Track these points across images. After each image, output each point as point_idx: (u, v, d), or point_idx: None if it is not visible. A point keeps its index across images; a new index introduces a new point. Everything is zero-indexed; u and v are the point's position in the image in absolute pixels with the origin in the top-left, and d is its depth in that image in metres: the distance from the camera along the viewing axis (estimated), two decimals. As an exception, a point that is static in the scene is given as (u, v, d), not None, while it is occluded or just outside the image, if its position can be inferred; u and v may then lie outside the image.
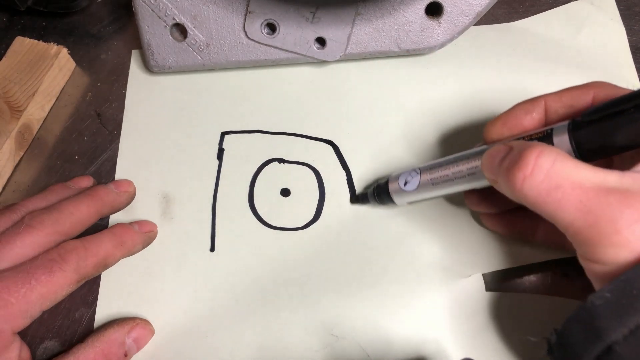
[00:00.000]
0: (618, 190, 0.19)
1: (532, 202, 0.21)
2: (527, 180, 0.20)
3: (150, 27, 0.36)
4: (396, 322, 0.30)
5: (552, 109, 0.25)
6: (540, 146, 0.21)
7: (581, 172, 0.20)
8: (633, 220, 0.19)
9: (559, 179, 0.20)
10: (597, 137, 0.20)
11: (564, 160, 0.20)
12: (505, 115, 0.26)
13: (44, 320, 0.31)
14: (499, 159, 0.22)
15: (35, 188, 0.35)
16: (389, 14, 0.35)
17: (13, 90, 0.36)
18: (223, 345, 0.30)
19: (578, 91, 0.24)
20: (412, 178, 0.28)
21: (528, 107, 0.25)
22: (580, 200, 0.19)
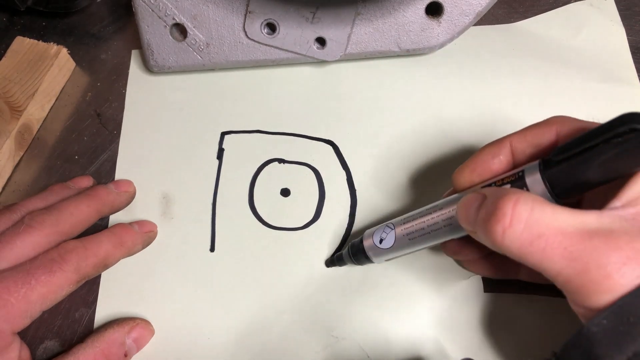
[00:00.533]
0: (601, 231, 0.19)
1: (515, 254, 0.20)
2: (507, 232, 0.20)
3: (150, 27, 0.36)
4: (396, 322, 0.30)
5: (519, 150, 0.24)
6: (515, 194, 0.20)
7: (561, 217, 0.19)
8: (621, 262, 0.18)
9: (540, 227, 0.19)
10: (570, 174, 0.20)
11: (541, 206, 0.19)
12: (473, 161, 0.25)
13: (44, 320, 0.31)
14: (474, 209, 0.22)
15: (35, 188, 0.35)
16: (389, 13, 0.35)
17: (13, 90, 0.36)
18: (223, 345, 0.30)
19: (541, 129, 0.23)
20: (387, 235, 0.27)
21: (494, 151, 0.25)
22: (565, 248, 0.19)
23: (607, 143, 0.18)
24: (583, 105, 0.36)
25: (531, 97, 0.36)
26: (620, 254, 0.18)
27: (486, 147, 0.25)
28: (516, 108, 0.36)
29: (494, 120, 0.36)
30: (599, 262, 0.18)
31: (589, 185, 0.20)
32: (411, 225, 0.26)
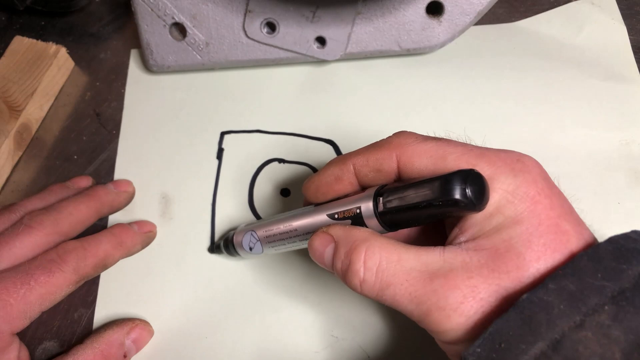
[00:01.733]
0: (441, 272, 0.20)
1: (373, 299, 0.22)
2: (363, 285, 0.21)
3: (150, 26, 0.36)
4: (396, 322, 0.30)
5: (362, 173, 0.24)
6: (364, 244, 0.21)
7: (405, 263, 0.21)
8: (458, 302, 0.19)
9: (388, 277, 0.21)
10: (397, 217, 0.21)
11: (388, 255, 0.21)
12: (318, 180, 0.26)
13: (43, 320, 0.31)
14: (329, 257, 0.23)
15: (34, 188, 0.35)
16: (390, 13, 0.35)
17: (12, 89, 0.36)
18: (223, 345, 0.30)
19: (382, 153, 0.23)
20: (254, 243, 0.28)
21: (337, 173, 0.25)
22: (410, 293, 0.20)
23: (427, 205, 0.20)
24: (584, 104, 0.35)
25: (532, 96, 0.36)
26: (457, 293, 0.19)
27: (330, 167, 0.25)
28: (517, 107, 0.36)
29: (495, 119, 0.36)
30: (438, 304, 0.20)
31: (419, 224, 0.22)
32: (272, 233, 0.27)
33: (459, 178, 0.19)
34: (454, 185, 0.19)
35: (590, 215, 0.23)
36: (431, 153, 0.22)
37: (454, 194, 0.19)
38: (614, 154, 0.34)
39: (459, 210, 0.19)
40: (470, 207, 0.19)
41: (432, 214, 0.20)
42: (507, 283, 0.19)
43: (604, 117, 0.35)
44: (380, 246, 0.21)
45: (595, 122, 0.35)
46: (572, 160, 0.34)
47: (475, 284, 0.19)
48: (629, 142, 0.34)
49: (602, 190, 0.33)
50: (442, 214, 0.20)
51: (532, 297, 0.18)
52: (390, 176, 0.24)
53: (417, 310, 0.20)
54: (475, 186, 0.19)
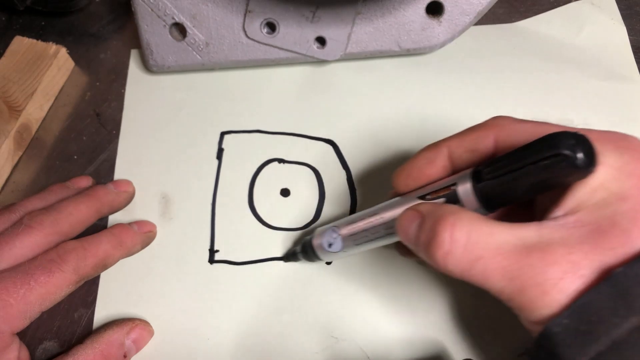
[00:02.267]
0: (538, 246, 0.19)
1: (458, 276, 0.20)
2: (448, 257, 0.20)
3: (150, 26, 0.36)
4: (396, 323, 0.30)
5: (456, 154, 0.24)
6: (451, 216, 0.20)
7: (498, 236, 0.19)
8: (558, 277, 0.18)
9: (478, 250, 0.19)
10: (499, 191, 0.20)
11: (478, 228, 0.19)
12: (409, 165, 0.25)
13: (43, 320, 0.31)
14: (414, 231, 0.22)
15: (34, 188, 0.35)
16: (390, 13, 0.35)
17: (12, 89, 0.36)
18: (223, 346, 0.30)
19: (479, 133, 0.23)
20: (334, 239, 0.28)
21: (431, 156, 0.24)
22: (503, 268, 0.19)
23: (534, 165, 0.18)
24: (584, 104, 0.36)
25: (532, 96, 0.36)
26: (556, 268, 0.18)
27: (423, 152, 0.25)
28: (517, 107, 0.36)
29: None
30: (536, 279, 0.18)
31: (520, 199, 0.20)
32: (355, 230, 0.27)
33: (567, 135, 0.17)
34: (561, 140, 0.17)
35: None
36: (530, 131, 0.21)
37: (562, 148, 0.17)
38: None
39: (568, 171, 0.18)
40: (581, 165, 0.17)
41: (536, 181, 0.19)
42: (612, 260, 0.18)
43: (604, 117, 0.35)
44: (470, 218, 0.20)
45: (594, 122, 0.35)
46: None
47: (576, 260, 0.18)
48: (629, 143, 0.34)
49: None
50: (547, 180, 0.19)
51: (628, 271, 0.17)
52: (485, 156, 0.23)
53: (509, 287, 0.19)
54: (584, 145, 0.17)
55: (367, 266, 0.31)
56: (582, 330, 0.17)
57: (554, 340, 0.18)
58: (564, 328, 0.18)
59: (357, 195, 0.34)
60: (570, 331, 0.18)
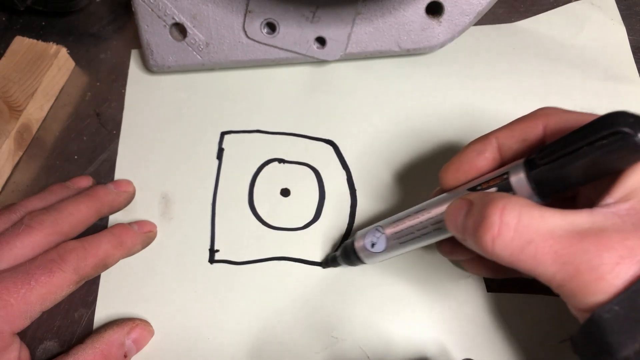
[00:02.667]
0: (591, 231, 0.18)
1: (506, 261, 0.20)
2: (497, 240, 0.19)
3: (150, 26, 0.36)
4: (396, 323, 0.30)
5: (506, 146, 0.24)
6: (501, 200, 0.20)
7: (550, 220, 0.19)
8: (614, 262, 0.18)
9: (529, 233, 0.19)
10: (554, 176, 0.19)
11: (529, 211, 0.19)
12: (458, 159, 0.25)
13: (43, 320, 0.31)
14: (462, 217, 0.21)
15: (34, 188, 0.35)
16: (390, 13, 0.35)
17: (12, 90, 0.36)
18: (223, 345, 0.30)
19: (527, 123, 0.23)
20: (377, 238, 0.27)
21: (480, 148, 0.24)
22: (556, 252, 0.18)
23: (591, 145, 0.18)
24: (584, 104, 0.36)
25: (532, 96, 0.36)
26: (612, 253, 0.18)
27: (472, 144, 0.25)
28: (517, 107, 0.36)
29: (495, 120, 0.35)
30: (591, 264, 0.18)
31: (575, 185, 0.20)
32: (400, 228, 0.26)
33: (625, 114, 0.17)
34: (620, 118, 0.17)
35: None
36: (579, 119, 0.21)
37: (621, 126, 0.17)
38: None
39: (627, 150, 0.17)
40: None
41: (592, 164, 0.18)
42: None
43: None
44: (521, 203, 0.19)
45: (594, 122, 0.35)
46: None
47: (633, 246, 0.18)
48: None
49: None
50: (604, 161, 0.18)
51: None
52: (534, 145, 0.23)
53: (561, 272, 0.18)
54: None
55: (367, 266, 0.32)
56: (633, 317, 0.17)
57: (602, 326, 0.18)
58: (614, 314, 0.17)
59: (357, 195, 0.34)
60: (620, 318, 0.17)
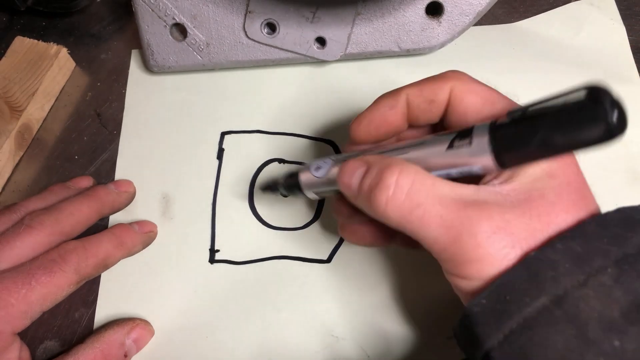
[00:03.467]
0: (475, 203, 0.20)
1: (396, 222, 0.21)
2: (390, 201, 0.21)
3: (150, 26, 0.36)
4: (396, 322, 0.30)
5: (415, 103, 0.24)
6: (398, 165, 0.21)
7: (439, 188, 0.20)
8: (491, 231, 0.19)
9: (420, 197, 0.20)
10: (517, 137, 0.19)
11: (423, 178, 0.20)
12: (370, 112, 0.25)
13: (44, 320, 0.31)
14: (357, 178, 0.22)
15: (35, 188, 0.35)
16: (389, 13, 0.35)
17: (13, 90, 0.36)
18: (223, 345, 0.30)
19: (437, 84, 0.24)
20: (324, 164, 0.26)
21: (391, 103, 0.25)
22: (441, 216, 0.20)
23: (562, 109, 0.18)
24: (583, 105, 0.36)
25: (532, 96, 0.36)
26: (490, 223, 0.19)
27: (383, 99, 0.25)
28: (516, 108, 0.36)
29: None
30: (471, 230, 0.19)
31: (533, 154, 0.19)
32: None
33: (606, 90, 0.17)
34: (600, 91, 0.17)
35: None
36: (483, 94, 0.23)
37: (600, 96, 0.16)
38: (613, 154, 0.34)
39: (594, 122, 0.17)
40: (614, 123, 0.16)
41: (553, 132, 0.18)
42: (537, 225, 0.20)
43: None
44: (416, 170, 0.21)
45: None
46: (572, 160, 0.34)
47: (509, 219, 0.20)
48: (627, 143, 0.34)
49: (601, 192, 0.32)
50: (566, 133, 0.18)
51: (540, 255, 0.19)
52: (440, 108, 0.24)
53: (444, 235, 0.20)
54: (619, 105, 0.16)
55: (368, 265, 0.32)
56: (498, 309, 0.18)
57: (472, 319, 0.19)
58: (482, 307, 0.19)
59: (357, 195, 0.34)
60: (487, 310, 0.19)
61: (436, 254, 0.21)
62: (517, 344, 0.18)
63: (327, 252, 0.32)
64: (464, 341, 0.20)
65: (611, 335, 0.17)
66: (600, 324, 0.17)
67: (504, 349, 0.18)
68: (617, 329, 0.17)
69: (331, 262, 0.32)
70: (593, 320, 0.17)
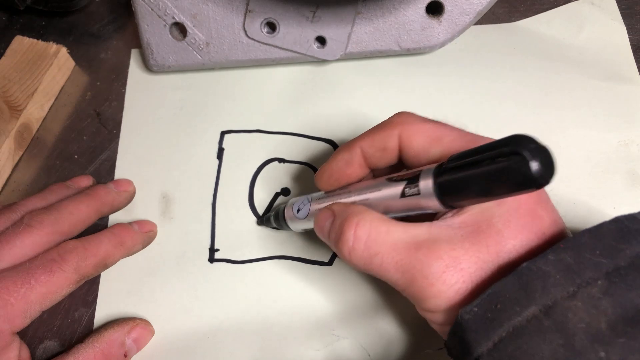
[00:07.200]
0: (426, 243, 0.21)
1: (361, 269, 0.23)
2: (352, 252, 0.23)
3: (150, 26, 0.36)
4: (397, 321, 0.30)
5: (369, 154, 0.26)
6: (356, 217, 0.23)
7: (394, 234, 0.22)
8: (441, 271, 0.21)
9: (376, 246, 0.22)
10: (455, 184, 0.20)
11: (378, 226, 0.22)
12: (329, 167, 0.27)
13: (44, 320, 0.31)
14: (327, 229, 0.24)
15: (34, 187, 0.35)
16: (390, 12, 0.35)
17: (12, 89, 0.36)
18: (223, 345, 0.30)
19: (385, 132, 0.25)
20: (304, 206, 0.29)
21: (347, 157, 0.26)
22: (397, 262, 0.22)
23: (492, 160, 0.18)
24: (584, 104, 0.36)
25: (532, 96, 0.36)
26: (440, 263, 0.21)
27: (339, 153, 0.27)
28: (517, 107, 0.36)
29: (494, 119, 0.36)
30: (422, 272, 0.21)
31: (474, 199, 0.20)
32: (324, 204, 0.27)
33: (529, 138, 0.17)
34: (520, 139, 0.18)
35: (585, 221, 0.23)
36: (429, 133, 0.24)
37: (522, 147, 0.17)
38: (613, 155, 0.34)
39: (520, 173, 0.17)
40: (536, 172, 0.17)
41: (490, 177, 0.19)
42: (486, 256, 0.21)
43: (603, 118, 0.35)
44: (372, 219, 0.23)
45: (594, 122, 0.35)
46: (571, 161, 0.34)
47: (457, 255, 0.21)
48: (628, 143, 0.34)
49: (600, 194, 0.33)
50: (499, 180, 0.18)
51: (532, 266, 0.19)
52: (394, 154, 0.25)
53: (402, 279, 0.22)
54: (543, 154, 0.17)
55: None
56: (489, 317, 0.19)
57: (464, 327, 0.20)
58: (474, 315, 0.19)
59: (357, 194, 0.34)
60: (478, 318, 0.19)
61: (401, 292, 0.23)
62: (506, 351, 0.18)
63: (328, 254, 0.32)
64: (455, 349, 0.21)
65: (597, 347, 0.17)
66: (587, 335, 0.18)
67: (493, 356, 0.19)
68: (604, 340, 0.17)
69: (332, 265, 0.32)
70: (580, 331, 0.18)
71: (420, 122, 0.24)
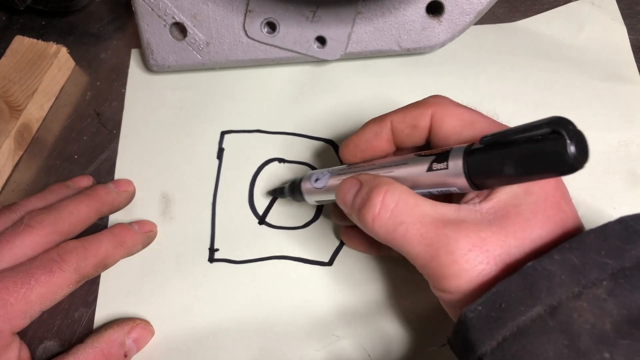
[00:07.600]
0: (454, 221, 0.21)
1: (382, 238, 0.23)
2: (376, 219, 0.22)
3: (150, 26, 0.36)
4: (397, 321, 0.30)
5: (399, 129, 0.26)
6: (385, 185, 0.23)
7: (421, 208, 0.22)
8: (467, 249, 0.20)
9: (403, 216, 0.22)
10: (488, 164, 0.20)
11: (406, 198, 0.22)
12: (357, 138, 0.27)
13: (44, 320, 0.31)
14: (351, 195, 0.24)
15: (34, 187, 0.35)
16: (390, 12, 0.35)
17: (12, 89, 0.36)
18: (223, 345, 0.30)
19: (418, 110, 0.25)
20: (322, 176, 0.29)
21: (376, 129, 0.26)
22: (422, 234, 0.21)
23: (528, 139, 0.18)
24: (584, 104, 0.36)
25: (532, 96, 0.36)
26: (467, 241, 0.20)
27: (369, 125, 0.27)
28: (517, 107, 0.36)
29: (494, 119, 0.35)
30: (448, 248, 0.21)
31: (503, 179, 0.20)
32: (345, 173, 0.27)
33: (568, 121, 0.17)
34: (562, 121, 0.17)
35: (585, 221, 0.23)
36: (462, 116, 0.24)
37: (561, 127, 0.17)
38: (613, 155, 0.34)
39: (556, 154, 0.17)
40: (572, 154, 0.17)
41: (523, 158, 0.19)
42: (513, 241, 0.21)
43: (603, 118, 0.35)
44: (401, 190, 0.22)
45: (594, 122, 0.35)
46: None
47: (485, 237, 0.21)
48: (628, 143, 0.34)
49: (600, 194, 0.33)
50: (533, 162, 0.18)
51: (537, 265, 0.19)
52: (423, 133, 0.25)
53: (424, 252, 0.21)
54: (579, 138, 0.17)
55: (368, 264, 0.32)
56: (493, 317, 0.19)
57: (467, 325, 0.20)
58: (477, 314, 0.19)
59: (357, 194, 0.34)
60: (482, 317, 0.19)
61: (419, 269, 0.22)
62: (510, 351, 0.18)
63: (328, 254, 0.32)
64: (458, 347, 0.21)
65: (602, 348, 0.17)
66: (592, 335, 0.18)
67: (496, 355, 0.19)
68: (608, 341, 0.17)
69: (332, 265, 0.32)
70: (585, 332, 0.18)
71: (455, 106, 0.25)
